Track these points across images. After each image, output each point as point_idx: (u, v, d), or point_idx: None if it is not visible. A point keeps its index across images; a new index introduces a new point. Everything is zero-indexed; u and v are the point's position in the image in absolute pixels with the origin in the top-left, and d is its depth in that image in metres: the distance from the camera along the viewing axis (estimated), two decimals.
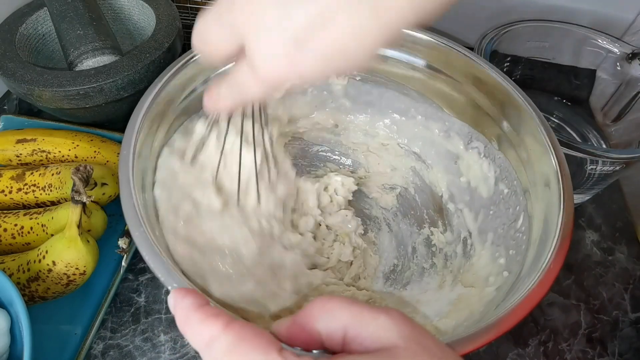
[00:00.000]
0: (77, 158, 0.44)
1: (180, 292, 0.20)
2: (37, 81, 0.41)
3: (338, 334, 0.18)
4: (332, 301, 0.19)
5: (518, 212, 0.36)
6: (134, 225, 0.28)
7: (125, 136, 0.32)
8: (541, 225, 0.33)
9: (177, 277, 0.26)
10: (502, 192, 0.39)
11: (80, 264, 0.35)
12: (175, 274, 0.26)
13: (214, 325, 0.18)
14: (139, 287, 0.41)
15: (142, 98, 0.34)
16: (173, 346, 0.38)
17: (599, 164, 0.42)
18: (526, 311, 0.26)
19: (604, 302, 0.43)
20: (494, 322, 0.26)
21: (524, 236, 0.35)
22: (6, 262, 0.37)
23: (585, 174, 0.44)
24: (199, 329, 0.18)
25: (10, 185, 0.41)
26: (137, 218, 0.28)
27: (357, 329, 0.18)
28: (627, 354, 0.40)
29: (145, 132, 0.33)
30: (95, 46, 0.45)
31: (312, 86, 0.44)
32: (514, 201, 0.37)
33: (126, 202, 0.29)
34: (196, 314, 0.19)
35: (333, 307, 0.19)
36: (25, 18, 0.48)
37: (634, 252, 0.47)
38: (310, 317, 0.19)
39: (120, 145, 0.46)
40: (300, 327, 0.19)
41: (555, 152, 0.34)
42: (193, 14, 0.59)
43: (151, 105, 0.34)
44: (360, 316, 0.18)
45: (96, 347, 0.38)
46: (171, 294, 0.20)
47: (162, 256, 0.26)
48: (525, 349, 0.40)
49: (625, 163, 0.41)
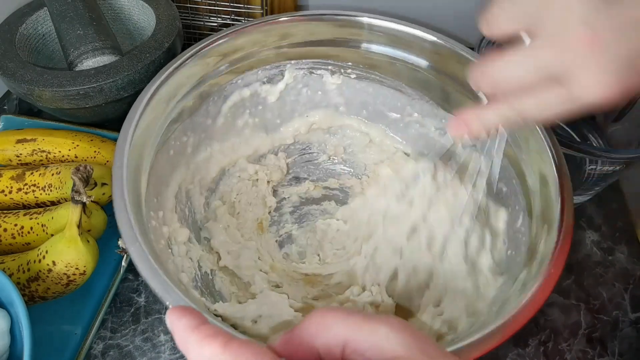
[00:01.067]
0: (77, 158, 0.44)
1: (176, 312, 0.19)
2: (37, 81, 0.41)
3: (337, 348, 0.18)
4: (329, 314, 0.19)
5: (517, 212, 0.36)
6: (129, 240, 0.28)
7: (118, 146, 0.32)
8: (541, 225, 0.33)
9: (173, 293, 0.26)
10: (500, 192, 0.39)
11: (80, 264, 0.35)
12: (172, 288, 0.26)
13: (211, 346, 0.18)
14: (139, 287, 0.41)
15: (134, 105, 0.35)
16: (173, 346, 0.38)
17: (599, 163, 0.42)
18: (529, 316, 0.26)
19: (604, 302, 0.43)
20: (497, 329, 0.26)
21: (523, 237, 0.35)
22: (6, 262, 0.37)
23: (584, 174, 0.43)
24: (199, 350, 0.18)
25: (10, 185, 0.41)
26: (132, 232, 0.28)
27: (357, 341, 0.18)
28: (627, 354, 0.40)
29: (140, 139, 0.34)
30: (95, 46, 0.45)
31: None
32: (513, 201, 0.37)
33: (121, 216, 0.29)
34: (193, 334, 0.18)
35: (330, 321, 0.19)
36: (25, 18, 0.48)
37: (634, 252, 0.47)
38: (306, 332, 0.19)
39: None
40: (296, 343, 0.19)
41: (554, 152, 0.34)
42: (193, 14, 0.59)
43: (145, 110, 0.34)
44: (359, 328, 0.18)
45: (96, 347, 0.38)
46: (168, 314, 0.19)
47: (159, 272, 0.26)
48: (525, 349, 0.40)
49: (625, 163, 0.41)
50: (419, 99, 0.45)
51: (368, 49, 0.44)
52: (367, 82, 0.46)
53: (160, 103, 0.37)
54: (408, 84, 0.44)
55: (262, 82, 0.45)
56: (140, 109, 0.34)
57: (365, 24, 0.43)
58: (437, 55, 0.42)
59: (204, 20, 0.59)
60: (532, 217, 0.34)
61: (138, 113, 0.34)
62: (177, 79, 0.38)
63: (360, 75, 0.46)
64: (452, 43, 0.41)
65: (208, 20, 0.59)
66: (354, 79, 0.46)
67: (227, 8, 0.58)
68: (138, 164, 0.34)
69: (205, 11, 0.59)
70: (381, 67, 0.45)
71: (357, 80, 0.46)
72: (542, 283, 0.28)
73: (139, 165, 0.34)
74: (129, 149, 0.32)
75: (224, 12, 0.58)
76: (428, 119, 0.45)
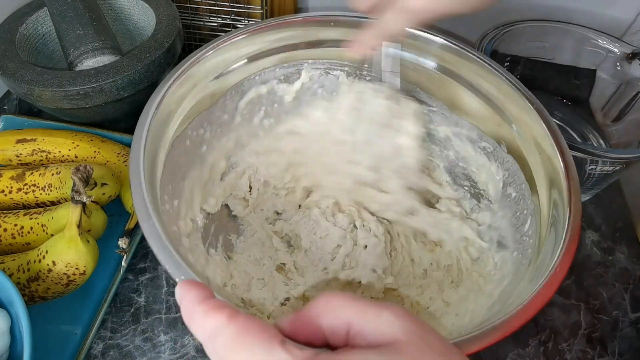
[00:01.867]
0: (77, 158, 0.44)
1: (186, 285, 0.20)
2: (37, 81, 0.41)
3: (342, 329, 0.19)
4: (336, 298, 0.19)
5: (525, 216, 0.36)
6: (143, 218, 0.28)
7: (138, 126, 0.33)
8: (548, 229, 0.33)
9: (184, 270, 0.26)
10: (510, 196, 0.39)
11: (80, 264, 0.35)
12: (182, 265, 0.26)
13: (217, 317, 0.18)
14: (139, 287, 0.41)
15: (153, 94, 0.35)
16: (173, 346, 0.38)
17: (599, 164, 0.42)
18: (532, 313, 0.26)
19: (604, 302, 0.43)
20: (500, 323, 0.26)
21: (530, 240, 0.35)
22: (6, 262, 0.37)
23: (585, 174, 0.43)
24: (203, 321, 0.19)
25: (10, 185, 0.41)
26: (146, 210, 0.28)
27: (360, 324, 0.18)
28: (627, 354, 0.40)
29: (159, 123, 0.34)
30: (95, 46, 0.45)
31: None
32: (522, 205, 0.37)
33: (137, 194, 0.29)
34: (200, 306, 0.19)
35: (337, 303, 0.19)
36: (25, 18, 0.48)
37: (634, 252, 0.47)
38: (314, 313, 0.19)
39: (120, 146, 0.47)
40: (303, 323, 0.19)
41: (563, 156, 0.34)
42: (193, 13, 0.59)
43: (162, 100, 0.35)
44: (364, 312, 0.18)
45: (96, 347, 0.38)
46: (177, 286, 0.20)
47: (170, 249, 0.27)
48: (525, 349, 0.40)
49: (625, 163, 0.41)
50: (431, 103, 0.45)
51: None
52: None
53: (186, 85, 0.37)
54: (421, 88, 0.44)
55: (279, 80, 0.45)
56: (165, 88, 0.35)
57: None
58: (448, 57, 0.41)
59: (204, 20, 0.59)
60: (541, 220, 0.34)
61: (162, 92, 0.35)
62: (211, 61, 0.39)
63: (375, 78, 0.45)
64: (462, 45, 0.41)
65: (208, 20, 0.59)
66: (369, 81, 0.46)
67: (227, 8, 0.58)
68: (156, 146, 0.34)
69: (205, 11, 0.59)
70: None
71: (371, 82, 0.46)
72: (548, 281, 0.28)
73: (156, 147, 0.34)
74: (148, 127, 0.33)
75: (224, 12, 0.58)
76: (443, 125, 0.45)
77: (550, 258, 0.29)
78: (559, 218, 0.31)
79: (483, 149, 0.41)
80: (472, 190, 0.43)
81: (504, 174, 0.39)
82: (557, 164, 0.34)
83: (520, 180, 0.37)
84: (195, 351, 0.38)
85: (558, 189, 0.33)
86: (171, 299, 0.41)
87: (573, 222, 0.30)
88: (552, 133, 0.35)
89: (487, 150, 0.41)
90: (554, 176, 0.34)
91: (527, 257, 0.34)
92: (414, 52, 0.42)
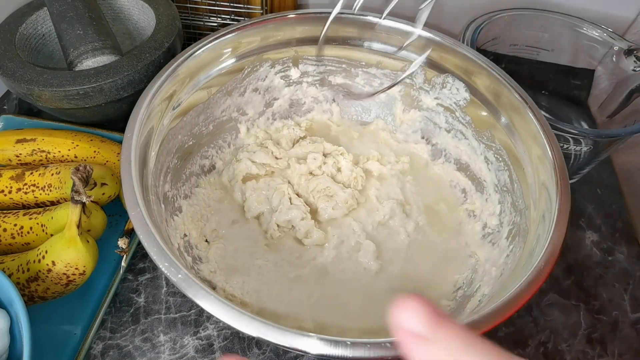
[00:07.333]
0: (77, 158, 0.44)
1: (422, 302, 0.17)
2: (37, 81, 0.41)
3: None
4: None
5: (518, 198, 0.39)
6: (131, 205, 0.30)
7: (132, 116, 0.35)
8: (538, 192, 0.36)
9: (168, 257, 0.28)
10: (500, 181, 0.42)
11: (79, 264, 0.35)
12: (167, 253, 0.28)
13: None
14: (139, 287, 0.41)
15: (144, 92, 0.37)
16: (172, 346, 0.38)
17: (583, 144, 0.43)
18: (528, 297, 0.28)
19: (604, 302, 0.43)
20: (497, 308, 0.28)
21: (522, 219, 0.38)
22: (6, 262, 0.36)
23: (571, 157, 0.45)
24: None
25: (10, 185, 0.41)
26: (134, 198, 0.31)
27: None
28: (627, 354, 0.40)
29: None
30: (95, 46, 0.45)
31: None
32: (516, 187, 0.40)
33: (126, 181, 0.32)
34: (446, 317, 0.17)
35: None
36: (25, 18, 0.48)
37: (634, 252, 0.47)
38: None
39: (120, 146, 0.47)
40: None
41: (546, 135, 0.37)
42: (193, 13, 0.59)
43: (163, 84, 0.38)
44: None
45: (96, 347, 0.38)
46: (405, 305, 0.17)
47: (157, 239, 0.29)
48: (525, 349, 0.40)
49: (609, 142, 0.43)
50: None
51: (370, 46, 0.47)
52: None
53: (181, 78, 0.40)
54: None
55: (276, 73, 0.47)
56: (160, 81, 0.38)
57: (374, 23, 0.45)
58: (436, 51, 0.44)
59: (203, 20, 0.59)
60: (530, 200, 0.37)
61: (157, 85, 0.38)
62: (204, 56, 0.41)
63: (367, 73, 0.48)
64: (454, 42, 0.43)
65: (208, 20, 0.59)
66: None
67: (227, 8, 0.58)
68: (148, 140, 0.36)
69: (205, 11, 0.59)
70: (390, 65, 0.47)
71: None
72: (543, 264, 0.30)
73: (148, 141, 0.36)
74: (141, 120, 0.35)
75: (223, 12, 0.58)
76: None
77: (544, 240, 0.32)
78: (549, 184, 0.35)
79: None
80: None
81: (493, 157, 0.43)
82: (541, 142, 0.37)
83: (508, 164, 0.41)
84: (195, 351, 0.38)
85: (544, 164, 0.36)
86: (171, 299, 0.41)
87: (563, 190, 0.34)
88: (534, 111, 0.38)
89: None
90: (539, 154, 0.37)
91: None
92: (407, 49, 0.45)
